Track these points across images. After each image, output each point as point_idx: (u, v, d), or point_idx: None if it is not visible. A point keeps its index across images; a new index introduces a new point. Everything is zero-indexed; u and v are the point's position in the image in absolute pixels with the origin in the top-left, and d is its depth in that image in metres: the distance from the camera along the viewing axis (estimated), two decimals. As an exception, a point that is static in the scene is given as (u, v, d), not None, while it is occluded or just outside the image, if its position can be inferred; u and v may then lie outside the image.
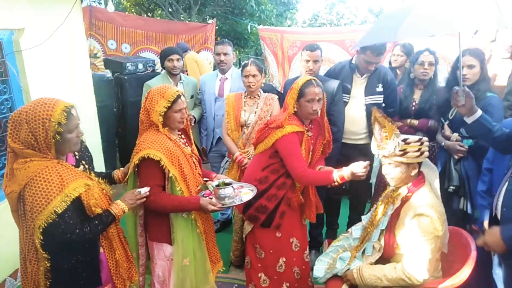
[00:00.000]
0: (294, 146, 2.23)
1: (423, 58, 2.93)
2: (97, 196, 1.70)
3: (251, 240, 2.47)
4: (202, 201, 1.99)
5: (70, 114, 1.61)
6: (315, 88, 2.24)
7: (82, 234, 1.64)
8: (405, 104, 3.00)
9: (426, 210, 1.77)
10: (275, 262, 2.43)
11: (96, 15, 6.20)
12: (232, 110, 2.96)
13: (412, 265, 1.77)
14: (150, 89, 2.08)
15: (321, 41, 5.98)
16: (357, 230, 2.21)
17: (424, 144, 1.87)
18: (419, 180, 1.91)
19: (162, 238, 2.07)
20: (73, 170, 1.66)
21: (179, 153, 2.03)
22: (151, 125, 2.04)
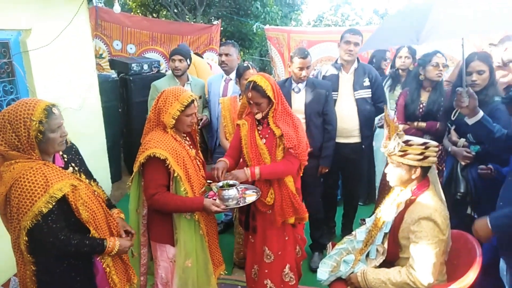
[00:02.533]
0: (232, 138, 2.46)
1: (437, 59, 2.91)
2: (85, 197, 1.67)
3: (243, 245, 2.51)
4: (205, 201, 1.99)
5: (51, 113, 1.59)
6: (248, 93, 2.23)
7: (66, 242, 1.60)
8: (413, 107, 2.99)
9: (431, 214, 1.76)
10: (250, 267, 2.44)
11: (102, 16, 6.23)
12: (228, 113, 2.97)
13: (416, 269, 1.76)
14: (164, 89, 2.08)
15: (327, 41, 6.00)
16: (361, 233, 2.19)
17: (429, 149, 1.83)
18: (424, 184, 1.89)
19: (165, 239, 2.07)
20: (59, 171, 1.63)
21: (184, 154, 2.04)
22: (158, 124, 2.05)
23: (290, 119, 2.31)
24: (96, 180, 1.95)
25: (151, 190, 1.98)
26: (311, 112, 2.96)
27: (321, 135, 3.01)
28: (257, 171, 2.20)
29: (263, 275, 2.39)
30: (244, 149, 2.33)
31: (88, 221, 1.68)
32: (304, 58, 2.89)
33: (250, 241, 2.45)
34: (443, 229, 1.76)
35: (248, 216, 2.41)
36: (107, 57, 6.27)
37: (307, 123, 2.96)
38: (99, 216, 1.74)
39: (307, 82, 3.01)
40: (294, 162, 2.27)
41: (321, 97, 2.96)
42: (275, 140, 2.27)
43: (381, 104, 3.22)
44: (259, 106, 2.24)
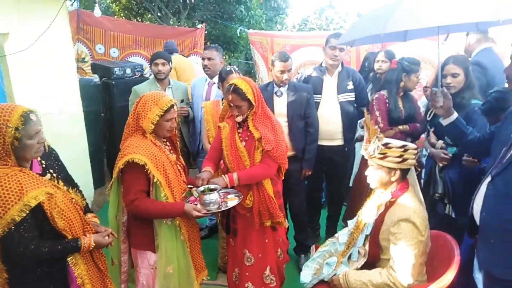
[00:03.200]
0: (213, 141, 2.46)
1: (420, 71, 3.00)
2: (62, 205, 1.64)
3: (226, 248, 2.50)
4: (186, 206, 1.98)
5: (28, 119, 1.56)
6: (229, 95, 2.24)
7: (37, 251, 1.57)
8: (397, 112, 3.03)
9: (410, 216, 1.78)
10: (231, 271, 2.44)
11: (84, 19, 6.15)
12: (211, 117, 2.96)
13: (396, 270, 1.78)
14: (144, 94, 2.06)
15: (310, 45, 6.03)
16: (344, 235, 2.21)
17: (408, 151, 1.86)
18: (403, 186, 1.92)
19: (146, 245, 2.04)
20: (35, 178, 1.60)
21: (164, 159, 2.02)
22: (137, 129, 2.03)
23: (270, 122, 2.33)
24: (77, 187, 1.92)
25: (131, 196, 1.95)
26: (294, 115, 2.98)
27: (304, 138, 3.03)
28: (235, 177, 2.22)
29: (244, 278, 2.39)
30: (224, 152, 2.33)
31: (64, 229, 1.65)
32: (285, 61, 2.90)
33: (231, 244, 2.45)
34: (422, 230, 1.78)
35: (229, 219, 2.41)
36: (90, 61, 6.19)
37: (290, 126, 2.98)
38: (76, 224, 1.71)
39: (289, 86, 3.03)
40: (272, 165, 2.28)
41: (303, 100, 2.99)
42: (254, 142, 2.28)
43: (364, 107, 3.27)
44: (240, 109, 2.25)
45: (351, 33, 2.37)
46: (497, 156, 1.71)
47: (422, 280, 1.91)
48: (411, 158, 1.87)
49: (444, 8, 1.82)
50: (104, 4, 10.62)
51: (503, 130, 1.77)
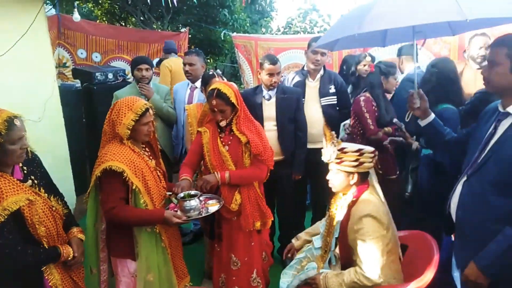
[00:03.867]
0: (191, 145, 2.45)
1: (397, 73, 3.08)
2: (41, 213, 1.63)
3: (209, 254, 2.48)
4: (166, 213, 1.96)
5: (12, 125, 1.56)
6: (213, 100, 2.24)
7: (23, 253, 1.57)
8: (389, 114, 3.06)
9: (370, 211, 1.83)
10: (217, 277, 2.42)
11: (65, 24, 6.07)
12: (195, 120, 2.92)
13: (363, 266, 1.81)
14: (117, 100, 2.04)
15: (294, 48, 6.08)
16: (318, 240, 2.23)
17: (364, 155, 1.91)
18: (363, 186, 1.96)
19: (125, 253, 2.01)
20: (16, 184, 1.60)
21: (143, 165, 2.00)
22: (115, 136, 2.00)
23: (253, 126, 2.35)
24: (59, 195, 1.89)
25: (109, 204, 1.92)
26: (283, 118, 2.97)
27: (293, 141, 3.02)
28: (227, 175, 2.24)
29: (231, 282, 2.38)
30: (206, 157, 2.31)
31: (44, 237, 1.65)
32: (274, 64, 2.89)
33: (216, 250, 2.43)
34: (384, 223, 1.82)
35: (213, 224, 2.39)
36: (71, 66, 6.10)
37: (279, 130, 2.96)
38: (53, 232, 1.70)
39: (277, 89, 3.01)
40: (262, 168, 2.33)
41: (292, 103, 2.99)
42: (240, 147, 2.29)
43: (347, 110, 3.31)
44: (223, 114, 2.25)
45: (328, 35, 2.40)
46: (472, 156, 1.74)
47: (399, 279, 1.93)
48: (368, 161, 1.91)
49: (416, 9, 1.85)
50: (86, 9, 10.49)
51: (479, 130, 1.80)
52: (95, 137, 4.38)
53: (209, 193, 2.26)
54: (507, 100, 1.64)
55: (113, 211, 1.91)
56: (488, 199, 1.60)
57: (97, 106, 4.29)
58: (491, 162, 1.61)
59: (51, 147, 3.60)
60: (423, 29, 2.07)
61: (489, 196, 1.60)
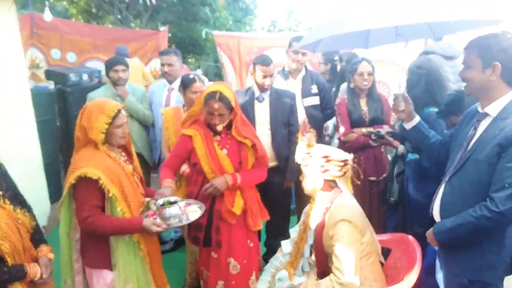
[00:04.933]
0: (174, 147, 2.36)
1: (362, 68, 2.96)
2: (5, 228, 1.54)
3: (200, 263, 2.38)
4: (145, 222, 1.87)
5: None
6: (214, 103, 2.17)
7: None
8: (357, 113, 3.03)
9: (344, 215, 1.78)
10: (214, 284, 2.35)
11: (38, 23, 5.84)
12: (171, 125, 2.84)
13: (336, 271, 1.75)
14: (85, 105, 1.95)
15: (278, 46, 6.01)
16: (287, 245, 2.18)
17: (331, 162, 1.85)
18: (336, 191, 1.90)
19: (101, 264, 1.92)
20: None
21: (120, 171, 1.92)
22: (89, 142, 1.90)
23: (250, 129, 2.37)
24: (26, 207, 1.78)
25: (84, 213, 1.83)
26: (277, 122, 2.89)
27: (287, 146, 2.94)
28: (239, 178, 2.23)
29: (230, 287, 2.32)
30: (202, 161, 2.24)
31: (7, 253, 1.54)
32: (268, 65, 2.82)
33: (212, 257, 2.33)
34: (358, 227, 1.79)
35: (209, 231, 2.29)
36: (45, 67, 5.89)
37: (273, 134, 2.89)
38: (19, 248, 1.60)
39: (271, 91, 2.93)
40: (264, 169, 2.40)
41: (286, 106, 2.91)
42: (239, 150, 2.28)
43: (329, 110, 3.27)
44: (222, 117, 2.21)
45: (310, 36, 2.34)
46: (455, 157, 1.74)
47: (381, 282, 1.90)
48: (334, 169, 1.85)
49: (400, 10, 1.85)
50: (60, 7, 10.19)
51: (461, 132, 1.80)
52: (69, 141, 4.25)
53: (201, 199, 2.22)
54: (484, 100, 1.66)
55: (88, 220, 1.82)
56: (468, 199, 1.62)
57: (72, 109, 4.15)
58: (470, 162, 1.63)
59: (22, 153, 3.45)
60: (404, 31, 2.06)
61: (468, 195, 1.63)
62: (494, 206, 1.50)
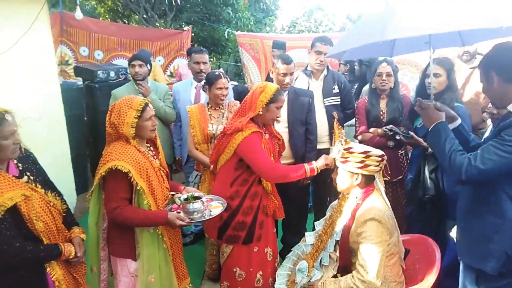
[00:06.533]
0: (257, 145, 2.20)
1: (381, 69, 2.96)
2: (38, 209, 1.64)
3: (229, 265, 2.36)
4: (169, 215, 1.94)
5: (3, 120, 1.57)
6: (283, 96, 2.31)
7: (21, 249, 1.58)
8: (375, 113, 3.03)
9: (375, 215, 1.81)
10: (253, 278, 2.38)
11: (68, 22, 6.06)
12: (197, 122, 2.89)
13: (360, 269, 1.78)
14: (114, 102, 2.02)
15: (299, 47, 6.03)
16: (311, 236, 2.22)
17: (371, 158, 1.89)
18: (368, 189, 1.94)
19: (126, 253, 2.00)
20: (11, 180, 1.61)
21: (148, 166, 1.99)
22: (119, 137, 1.98)
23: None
24: (57, 191, 1.89)
25: (113, 203, 1.91)
26: (295, 121, 2.92)
27: (304, 145, 2.98)
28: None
29: (267, 275, 2.38)
30: None
31: (42, 232, 1.65)
32: (288, 64, 2.85)
33: (253, 251, 2.34)
34: (388, 228, 1.81)
35: (253, 227, 2.30)
36: (74, 63, 6.10)
37: (290, 133, 2.92)
38: (52, 228, 1.71)
39: (289, 90, 2.97)
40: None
41: (304, 105, 2.95)
42: (273, 145, 2.41)
43: (350, 110, 3.29)
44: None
45: (343, 43, 2.26)
46: None
47: (400, 282, 1.92)
48: (374, 165, 1.89)
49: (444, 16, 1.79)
50: (89, 6, 10.48)
51: None
52: (95, 135, 4.40)
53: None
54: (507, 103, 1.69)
55: (116, 211, 1.90)
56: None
57: (99, 105, 4.29)
58: None
59: (51, 146, 3.60)
60: (433, 39, 2.00)
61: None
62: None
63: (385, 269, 1.85)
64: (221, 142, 2.32)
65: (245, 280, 2.35)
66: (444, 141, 1.70)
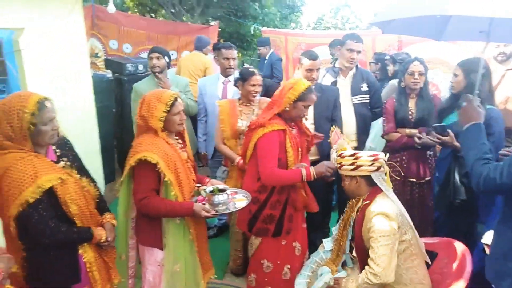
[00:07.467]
0: (272, 146, 2.21)
1: (413, 68, 2.88)
2: (73, 193, 1.71)
3: (257, 257, 2.39)
4: (195, 207, 1.97)
5: (44, 106, 1.64)
6: (314, 95, 2.27)
7: (56, 229, 1.65)
8: (402, 114, 2.97)
9: (381, 209, 1.84)
10: (281, 271, 2.40)
11: (99, 15, 6.21)
12: (227, 117, 2.89)
13: (371, 262, 1.80)
14: (144, 95, 2.06)
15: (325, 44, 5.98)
16: (328, 242, 2.25)
17: (360, 158, 1.94)
18: (374, 192, 1.95)
19: (153, 242, 2.05)
20: (49, 164, 1.67)
21: (176, 158, 2.02)
22: (149, 129, 2.01)
23: None
24: (91, 178, 1.96)
25: (141, 194, 1.95)
26: (320, 117, 2.91)
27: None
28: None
29: (295, 269, 2.39)
30: (289, 154, 2.27)
31: (76, 215, 1.72)
32: (314, 59, 2.84)
33: (281, 244, 2.37)
34: (396, 222, 1.82)
35: (282, 221, 2.32)
36: (103, 56, 6.24)
37: (316, 129, 2.90)
38: (86, 212, 1.77)
39: (315, 87, 2.95)
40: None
41: (330, 102, 2.93)
42: (302, 141, 2.40)
43: (378, 109, 3.24)
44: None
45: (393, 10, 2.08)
46: None
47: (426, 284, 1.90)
48: (366, 165, 1.93)
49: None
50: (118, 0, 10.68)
51: None
52: (123, 126, 4.51)
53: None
54: None
55: (143, 201, 1.94)
56: None
57: (127, 97, 4.36)
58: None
59: (82, 136, 3.68)
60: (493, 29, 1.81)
61: None
62: None
63: (409, 270, 1.84)
64: (247, 137, 2.36)
65: (272, 272, 2.37)
66: (474, 145, 1.64)
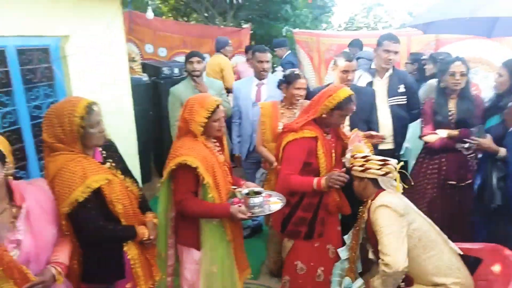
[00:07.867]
0: (297, 153, 2.24)
1: (455, 68, 2.78)
2: (118, 192, 1.79)
3: (291, 259, 2.41)
4: (232, 209, 2.00)
5: (91, 110, 1.73)
6: (353, 105, 2.25)
7: (102, 228, 1.75)
8: (442, 115, 2.87)
9: (382, 201, 1.91)
10: (314, 273, 2.40)
11: (135, 20, 6.41)
12: (269, 119, 2.88)
13: (381, 253, 1.83)
14: (189, 98, 2.12)
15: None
16: (343, 252, 2.27)
17: (370, 161, 2.00)
18: (379, 191, 2.02)
19: (191, 243, 2.10)
20: (97, 165, 1.77)
21: (214, 161, 2.06)
22: (189, 132, 2.07)
23: None
24: (134, 178, 2.04)
25: (180, 196, 2.02)
26: (357, 120, 2.85)
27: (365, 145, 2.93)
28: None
29: (328, 272, 2.39)
30: (321, 161, 2.27)
31: (121, 214, 1.81)
32: (350, 61, 2.82)
33: (314, 247, 2.38)
34: (399, 212, 1.86)
35: (313, 224, 2.34)
36: (139, 60, 6.44)
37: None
38: (130, 211, 1.86)
39: (350, 88, 2.93)
40: None
41: (366, 104, 2.89)
42: (339, 146, 2.42)
43: (416, 110, 3.16)
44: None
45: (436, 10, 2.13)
46: None
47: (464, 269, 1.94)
48: (375, 168, 2.00)
49: None
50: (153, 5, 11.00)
51: None
52: (159, 129, 4.63)
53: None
54: None
55: (182, 203, 2.00)
56: None
57: (163, 100, 4.48)
58: None
59: (122, 138, 3.78)
60: None
61: None
62: None
63: (431, 259, 1.89)
64: (279, 140, 2.38)
65: (306, 274, 2.38)
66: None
